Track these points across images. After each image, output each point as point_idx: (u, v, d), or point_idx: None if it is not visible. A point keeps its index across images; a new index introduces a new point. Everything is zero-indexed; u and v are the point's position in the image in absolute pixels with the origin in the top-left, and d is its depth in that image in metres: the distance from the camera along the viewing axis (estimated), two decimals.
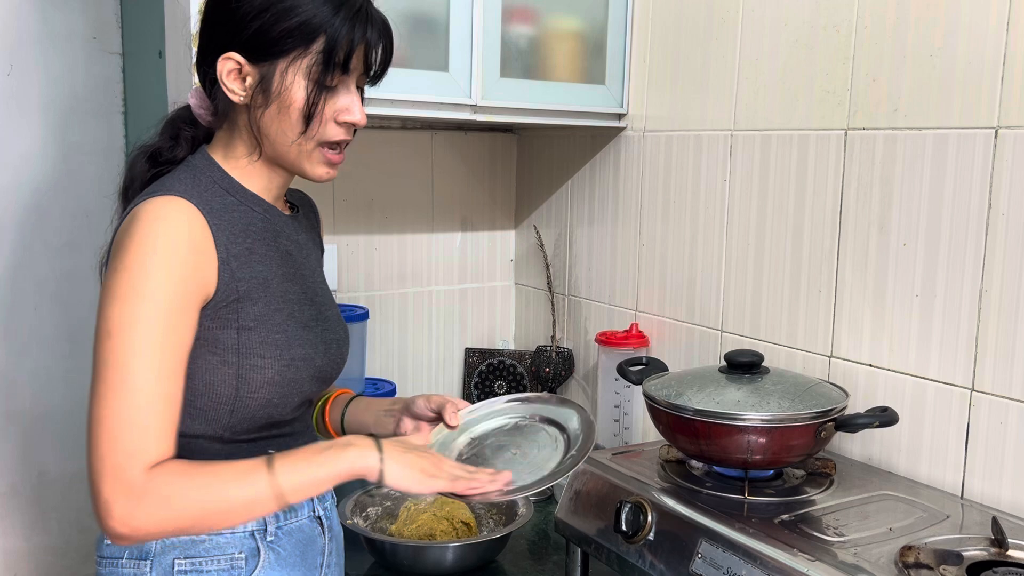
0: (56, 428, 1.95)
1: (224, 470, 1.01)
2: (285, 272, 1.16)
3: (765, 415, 1.22)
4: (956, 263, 1.33)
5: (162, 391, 0.99)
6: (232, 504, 1.00)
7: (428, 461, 1.09)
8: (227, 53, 1.09)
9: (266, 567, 1.14)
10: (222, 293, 1.07)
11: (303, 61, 1.07)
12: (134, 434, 0.97)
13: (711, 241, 1.71)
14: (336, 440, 1.07)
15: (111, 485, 0.96)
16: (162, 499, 0.97)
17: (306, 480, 1.02)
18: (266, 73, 1.08)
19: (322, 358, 1.18)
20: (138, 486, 0.96)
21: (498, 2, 1.66)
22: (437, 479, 1.07)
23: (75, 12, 1.89)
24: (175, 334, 1.01)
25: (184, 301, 1.02)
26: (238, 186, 1.14)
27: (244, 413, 1.11)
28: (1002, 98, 1.26)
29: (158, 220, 1.03)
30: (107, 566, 1.13)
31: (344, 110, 1.11)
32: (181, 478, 0.98)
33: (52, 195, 1.91)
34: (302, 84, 1.08)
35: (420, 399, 1.29)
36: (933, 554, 1.06)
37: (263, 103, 1.09)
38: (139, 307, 0.99)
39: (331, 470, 1.03)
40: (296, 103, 1.08)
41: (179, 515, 0.98)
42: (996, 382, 1.30)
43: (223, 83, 1.09)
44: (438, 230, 2.15)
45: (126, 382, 0.97)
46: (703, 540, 1.17)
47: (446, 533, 1.51)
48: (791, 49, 1.54)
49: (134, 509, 0.96)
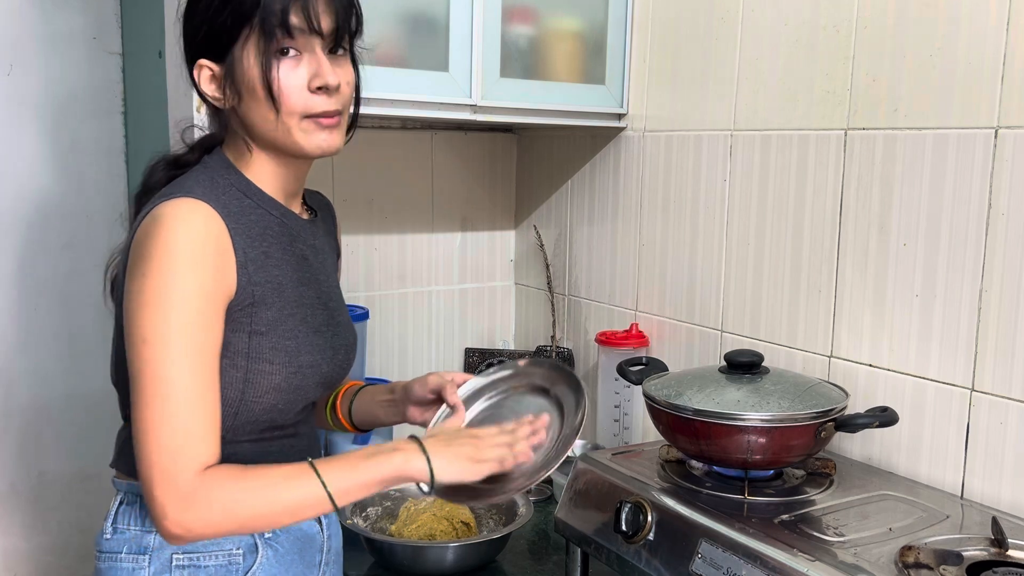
0: (56, 428, 1.95)
1: (273, 473, 1.03)
2: (300, 276, 1.16)
3: (765, 415, 1.22)
4: (956, 263, 1.33)
5: (201, 392, 1.01)
6: (284, 506, 1.02)
7: (471, 446, 1.10)
8: (197, 61, 1.10)
9: (264, 564, 1.14)
10: (239, 296, 1.07)
11: (251, 40, 1.07)
12: (178, 437, 0.99)
13: (711, 241, 1.71)
14: (382, 446, 1.09)
15: (162, 489, 0.98)
16: (214, 503, 0.99)
17: (353, 484, 1.04)
18: (229, 66, 1.09)
19: (329, 364, 1.18)
20: (189, 490, 0.98)
21: (498, 2, 1.66)
22: (484, 463, 1.09)
23: (75, 12, 1.89)
24: (209, 334, 1.02)
25: (213, 301, 1.03)
26: (255, 189, 1.14)
27: (248, 416, 1.11)
28: (1002, 98, 1.26)
29: (179, 222, 1.03)
30: (106, 560, 1.13)
31: (313, 76, 1.08)
32: (231, 482, 1.00)
33: (52, 195, 1.91)
34: (256, 61, 1.07)
35: (416, 385, 1.29)
36: (933, 554, 1.06)
37: (237, 98, 1.10)
38: (170, 311, 0.99)
39: (377, 474, 1.05)
40: (256, 82, 1.07)
41: (230, 518, 1.00)
42: (996, 382, 1.30)
43: (203, 92, 1.11)
44: (438, 230, 2.15)
45: (166, 386, 0.99)
46: (703, 540, 1.17)
47: (446, 533, 1.51)
48: (791, 49, 1.54)
49: (186, 512, 0.98)
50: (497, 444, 1.11)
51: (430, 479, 1.06)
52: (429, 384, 1.28)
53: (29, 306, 1.90)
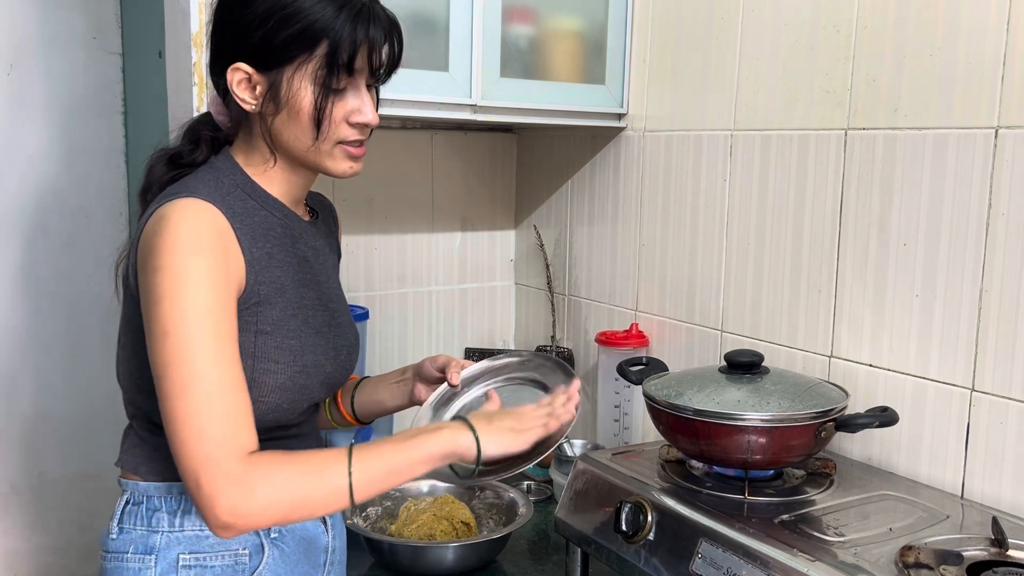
0: (57, 428, 1.95)
1: (314, 458, 1.04)
2: (302, 278, 1.16)
3: (765, 415, 1.22)
4: (956, 263, 1.33)
5: (230, 378, 1.00)
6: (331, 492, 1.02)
7: (512, 419, 1.14)
8: (235, 63, 1.09)
9: (270, 564, 1.14)
10: (247, 294, 1.07)
11: (308, 66, 1.07)
12: (216, 423, 0.98)
13: (711, 241, 1.71)
14: (424, 427, 1.12)
15: (209, 476, 0.96)
16: (264, 487, 0.98)
17: (388, 469, 1.05)
18: (274, 81, 1.08)
19: (332, 364, 1.19)
20: (238, 474, 0.97)
21: (498, 2, 1.66)
22: (529, 431, 1.13)
23: (75, 13, 1.89)
24: (227, 322, 1.02)
25: (226, 290, 1.03)
26: (260, 190, 1.14)
27: (253, 416, 1.11)
28: (1002, 98, 1.26)
29: (185, 218, 1.03)
30: (112, 560, 1.13)
31: (355, 111, 1.11)
32: (279, 466, 1.00)
33: (52, 195, 1.91)
34: (309, 89, 1.08)
35: (427, 361, 1.34)
36: (933, 554, 1.06)
37: (274, 111, 1.09)
38: (187, 302, 0.99)
39: (424, 452, 1.07)
40: (305, 109, 1.08)
41: (280, 502, 0.99)
42: (996, 382, 1.30)
43: (234, 93, 1.10)
44: (438, 230, 2.15)
45: (195, 376, 0.98)
46: (703, 540, 1.17)
47: (446, 533, 1.51)
48: (791, 49, 1.54)
49: (239, 497, 0.97)
50: (537, 416, 1.15)
51: (477, 452, 1.09)
52: (438, 362, 1.33)
53: (29, 305, 1.90)
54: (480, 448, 1.09)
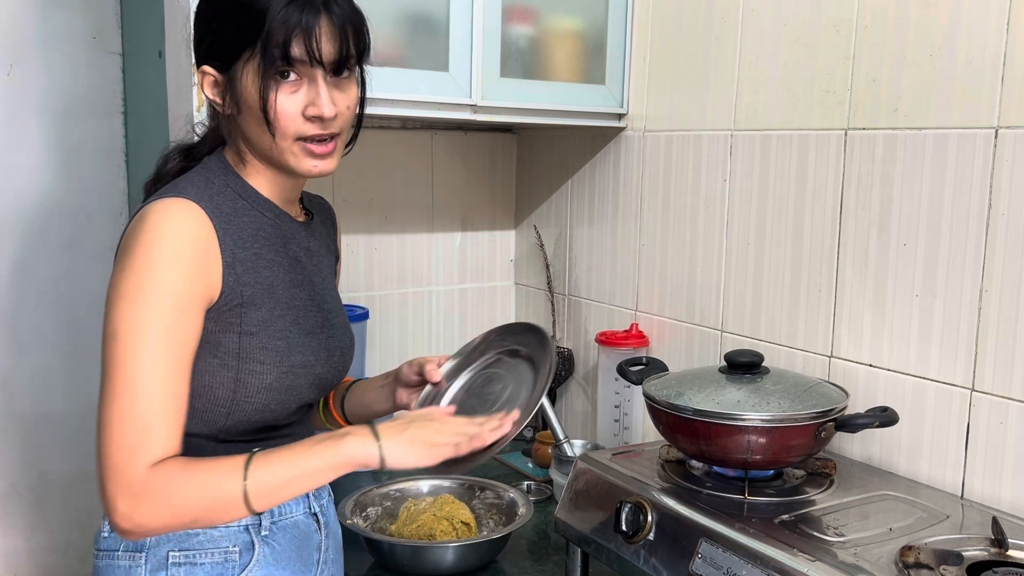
0: (56, 428, 1.95)
1: (213, 466, 1.02)
2: (293, 278, 1.16)
3: (765, 415, 1.22)
4: (956, 263, 1.33)
5: (166, 391, 1.00)
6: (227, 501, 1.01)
7: (430, 429, 1.10)
8: (202, 66, 1.11)
9: (260, 562, 1.14)
10: (226, 297, 1.07)
11: (253, 60, 1.07)
12: (136, 433, 0.99)
13: (711, 241, 1.71)
14: (333, 432, 1.08)
15: (113, 483, 0.98)
16: (162, 496, 0.99)
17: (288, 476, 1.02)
18: (231, 78, 1.09)
19: (323, 365, 1.19)
20: (138, 484, 0.98)
21: (498, 2, 1.66)
22: (440, 447, 1.08)
23: (75, 12, 1.89)
24: (180, 334, 1.02)
25: (189, 302, 1.03)
26: (251, 190, 1.15)
27: (240, 416, 1.12)
28: (1002, 98, 1.26)
29: (164, 221, 1.04)
30: (104, 558, 1.14)
31: (309, 104, 1.08)
32: (181, 476, 1.00)
33: (52, 195, 1.91)
34: (255, 83, 1.07)
35: (404, 366, 1.32)
36: (933, 554, 1.06)
37: (235, 109, 1.10)
38: (144, 308, 1.00)
39: (325, 461, 1.04)
40: (253, 103, 1.08)
41: (179, 511, 1.00)
42: (996, 382, 1.30)
43: (206, 95, 1.12)
44: (438, 230, 2.15)
45: (131, 382, 0.99)
46: (703, 540, 1.17)
47: (446, 533, 1.51)
48: (791, 49, 1.54)
49: (136, 506, 0.98)
50: (457, 431, 1.10)
51: (380, 463, 1.05)
52: (414, 365, 1.31)
53: (29, 305, 1.90)
54: (383, 459, 1.05)
